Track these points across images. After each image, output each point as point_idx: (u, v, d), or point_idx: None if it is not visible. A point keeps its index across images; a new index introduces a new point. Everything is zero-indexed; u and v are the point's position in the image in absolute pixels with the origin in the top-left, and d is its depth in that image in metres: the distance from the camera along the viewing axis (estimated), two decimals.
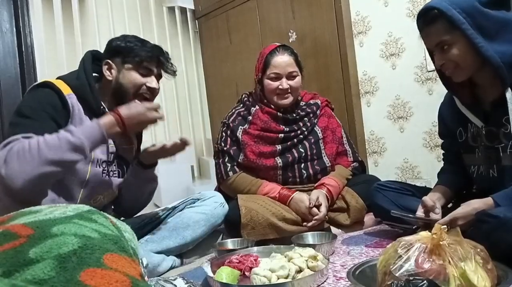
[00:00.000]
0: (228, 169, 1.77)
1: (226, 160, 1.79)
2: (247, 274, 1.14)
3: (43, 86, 1.24)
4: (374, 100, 2.32)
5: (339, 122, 1.94)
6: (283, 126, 1.80)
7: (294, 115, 1.83)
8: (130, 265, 0.59)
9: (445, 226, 0.83)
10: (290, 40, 2.53)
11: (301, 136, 1.80)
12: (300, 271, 1.09)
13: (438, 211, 1.26)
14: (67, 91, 1.24)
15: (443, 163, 1.52)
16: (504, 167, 1.19)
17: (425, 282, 0.74)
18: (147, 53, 1.32)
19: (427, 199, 1.27)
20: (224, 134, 1.84)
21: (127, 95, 1.31)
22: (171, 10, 3.00)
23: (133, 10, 2.74)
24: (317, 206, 1.60)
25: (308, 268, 1.10)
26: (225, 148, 1.80)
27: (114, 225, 0.69)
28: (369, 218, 1.72)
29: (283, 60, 1.76)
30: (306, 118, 1.84)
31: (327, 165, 1.78)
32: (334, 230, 1.67)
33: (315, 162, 1.79)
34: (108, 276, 0.53)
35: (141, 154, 1.45)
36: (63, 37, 2.36)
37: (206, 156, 3.06)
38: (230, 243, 1.49)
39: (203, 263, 1.29)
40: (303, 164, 1.78)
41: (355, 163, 1.87)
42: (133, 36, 1.37)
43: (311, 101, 1.91)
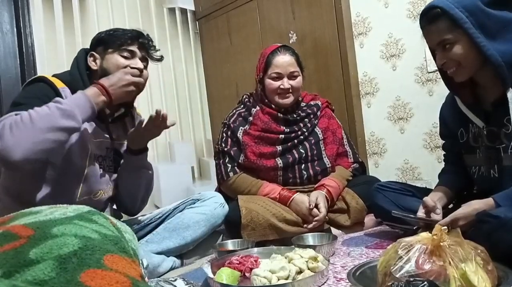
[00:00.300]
0: (228, 169, 1.77)
1: (227, 160, 1.79)
2: (247, 275, 1.13)
3: (37, 81, 1.27)
4: (375, 101, 2.32)
5: (340, 123, 1.94)
6: (284, 127, 1.80)
7: (295, 116, 1.83)
8: (131, 266, 0.59)
9: (445, 227, 0.83)
10: (291, 41, 2.53)
11: (301, 137, 1.80)
12: (300, 272, 1.09)
13: (439, 211, 1.26)
14: (60, 85, 1.27)
15: (444, 164, 1.52)
16: (505, 167, 1.18)
17: (425, 283, 0.74)
18: (126, 35, 1.33)
19: (428, 199, 1.27)
20: (224, 135, 1.84)
21: None
22: (172, 11, 3.00)
23: (133, 11, 2.74)
24: (316, 206, 1.60)
25: (309, 269, 1.10)
26: (225, 149, 1.80)
27: (114, 226, 0.69)
28: (369, 219, 1.72)
29: (284, 60, 1.76)
30: (306, 119, 1.84)
31: (328, 165, 1.78)
32: (335, 231, 1.67)
33: (316, 162, 1.79)
34: (109, 277, 0.53)
35: (127, 138, 1.44)
36: (63, 37, 2.37)
37: (206, 156, 3.06)
38: (230, 244, 1.48)
39: (203, 264, 1.29)
40: (303, 165, 1.78)
41: (355, 164, 1.87)
42: (116, 28, 1.39)
43: (312, 102, 1.91)
